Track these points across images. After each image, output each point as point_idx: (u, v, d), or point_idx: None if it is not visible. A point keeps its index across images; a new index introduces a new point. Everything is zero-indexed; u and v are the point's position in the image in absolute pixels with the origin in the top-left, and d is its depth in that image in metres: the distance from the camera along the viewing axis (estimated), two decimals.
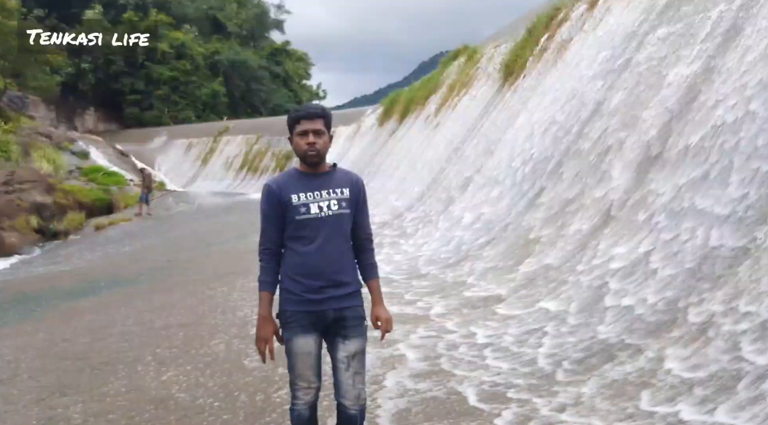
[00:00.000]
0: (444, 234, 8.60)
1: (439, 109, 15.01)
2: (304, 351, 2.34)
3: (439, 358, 4.09)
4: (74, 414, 3.65)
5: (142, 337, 5.32)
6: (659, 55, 6.62)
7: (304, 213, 2.32)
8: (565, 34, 10.02)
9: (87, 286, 8.39)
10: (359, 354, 2.38)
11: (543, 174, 7.35)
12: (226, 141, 35.76)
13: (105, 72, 45.43)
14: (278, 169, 29.94)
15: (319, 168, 2.39)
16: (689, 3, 6.75)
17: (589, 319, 4.17)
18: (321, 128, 2.35)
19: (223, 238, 12.43)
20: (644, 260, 4.33)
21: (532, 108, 9.29)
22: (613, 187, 5.68)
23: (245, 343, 4.71)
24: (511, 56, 11.53)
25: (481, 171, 9.40)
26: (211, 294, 7.00)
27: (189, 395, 3.78)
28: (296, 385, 2.38)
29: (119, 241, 13.78)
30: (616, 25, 8.39)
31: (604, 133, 6.60)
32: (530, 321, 4.59)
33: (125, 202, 20.69)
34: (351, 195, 2.39)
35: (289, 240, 2.38)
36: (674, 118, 5.47)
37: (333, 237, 2.34)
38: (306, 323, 2.33)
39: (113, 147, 32.65)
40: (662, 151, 5.29)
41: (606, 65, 7.72)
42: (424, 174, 12.46)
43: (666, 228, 4.42)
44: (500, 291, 5.53)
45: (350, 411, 2.37)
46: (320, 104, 2.48)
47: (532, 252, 6.02)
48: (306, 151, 2.33)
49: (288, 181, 2.40)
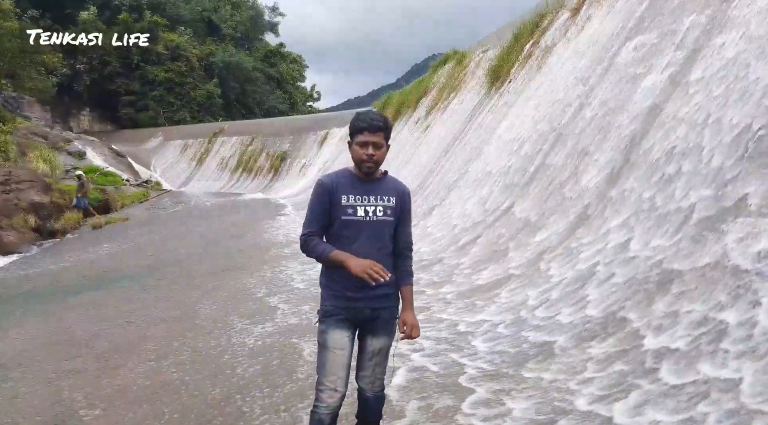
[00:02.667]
0: (423, 238, 8.93)
1: (429, 112, 15.36)
2: (338, 345, 2.40)
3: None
4: (80, 395, 3.98)
5: (143, 328, 5.63)
6: (635, 63, 7.00)
7: (351, 214, 2.41)
8: (549, 41, 10.40)
9: (87, 282, 8.67)
10: (384, 349, 2.53)
11: (517, 186, 7.69)
12: (221, 142, 36.01)
13: (100, 73, 45.58)
14: (273, 169, 30.24)
15: (372, 174, 2.47)
16: (663, 14, 7.14)
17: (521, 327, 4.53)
18: (381, 141, 2.43)
19: (219, 237, 12.72)
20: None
21: (516, 112, 9.66)
22: (587, 188, 6.05)
23: (243, 335, 5.03)
24: (497, 61, 11.90)
25: (465, 176, 9.75)
26: (208, 288, 7.31)
27: (187, 380, 4.09)
28: (323, 385, 2.41)
29: (115, 240, 14.02)
30: (596, 33, 8.78)
31: (581, 137, 6.97)
32: (481, 315, 4.94)
33: (122, 201, 20.94)
34: (397, 204, 2.49)
35: (332, 238, 2.46)
36: (645, 125, 5.84)
37: (374, 240, 2.43)
38: (343, 318, 2.43)
39: (109, 147, 32.82)
40: (633, 156, 5.66)
41: (586, 72, 8.10)
42: (413, 176, 12.81)
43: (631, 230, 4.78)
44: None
45: (366, 393, 2.52)
46: (382, 115, 2.53)
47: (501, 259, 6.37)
48: (364, 161, 2.41)
49: (341, 180, 2.47)
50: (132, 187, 25.53)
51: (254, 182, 30.25)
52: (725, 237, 3.54)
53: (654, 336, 3.32)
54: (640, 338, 3.38)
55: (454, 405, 3.21)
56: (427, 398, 3.37)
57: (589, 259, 4.87)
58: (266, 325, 5.32)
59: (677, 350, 3.04)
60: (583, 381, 3.23)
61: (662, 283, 3.74)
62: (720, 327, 2.94)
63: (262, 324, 5.35)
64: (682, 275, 3.64)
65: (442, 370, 3.79)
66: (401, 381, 3.67)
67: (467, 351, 4.11)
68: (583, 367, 3.39)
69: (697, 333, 3.06)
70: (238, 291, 6.97)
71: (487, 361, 3.85)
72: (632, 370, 3.09)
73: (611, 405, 2.87)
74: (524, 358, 3.75)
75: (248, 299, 6.50)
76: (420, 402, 3.32)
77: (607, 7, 9.05)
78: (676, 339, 3.14)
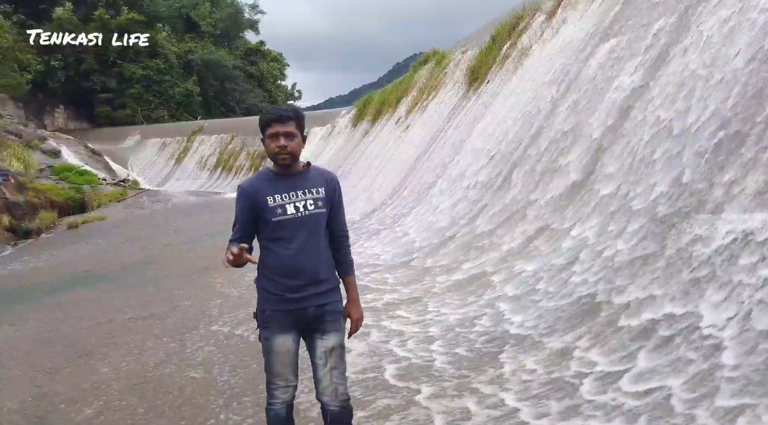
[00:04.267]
0: (398, 238, 9.07)
1: (409, 111, 15.52)
2: (283, 349, 2.34)
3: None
4: (62, 391, 4.04)
5: (122, 327, 5.68)
6: (606, 65, 7.24)
7: (281, 214, 2.32)
8: (526, 42, 10.63)
9: (65, 282, 8.63)
10: (337, 348, 2.38)
11: (494, 185, 7.89)
12: (200, 140, 35.70)
13: (75, 70, 44.76)
14: (253, 168, 30.10)
15: (292, 169, 2.39)
16: (634, 17, 7.39)
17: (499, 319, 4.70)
18: (293, 130, 2.35)
19: (198, 236, 12.70)
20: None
21: (494, 112, 9.87)
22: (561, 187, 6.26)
23: (220, 330, 5.11)
24: (476, 62, 12.10)
25: (443, 175, 9.93)
26: (187, 287, 7.36)
27: (166, 376, 4.18)
28: (273, 384, 2.37)
29: (93, 240, 13.88)
30: (570, 35, 9.02)
31: (555, 138, 7.19)
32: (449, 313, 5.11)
33: (98, 200, 20.68)
34: (326, 194, 2.40)
35: (267, 241, 2.37)
36: (615, 126, 6.07)
37: (311, 236, 2.34)
38: (285, 322, 2.34)
39: (85, 145, 32.32)
40: (602, 158, 5.87)
41: (559, 74, 8.33)
42: (393, 176, 12.95)
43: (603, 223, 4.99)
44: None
45: (330, 407, 2.33)
46: (293, 105, 2.60)
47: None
48: (277, 153, 2.34)
49: (262, 182, 2.39)
50: (109, 186, 25.19)
51: (234, 181, 30.09)
52: (684, 235, 3.75)
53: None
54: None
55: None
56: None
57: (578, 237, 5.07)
58: (241, 321, 5.41)
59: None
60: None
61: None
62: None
63: (238, 320, 5.44)
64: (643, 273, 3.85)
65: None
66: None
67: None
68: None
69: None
70: (216, 288, 7.03)
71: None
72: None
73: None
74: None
75: (226, 296, 6.58)
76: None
77: (581, 10, 9.31)
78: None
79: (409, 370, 3.75)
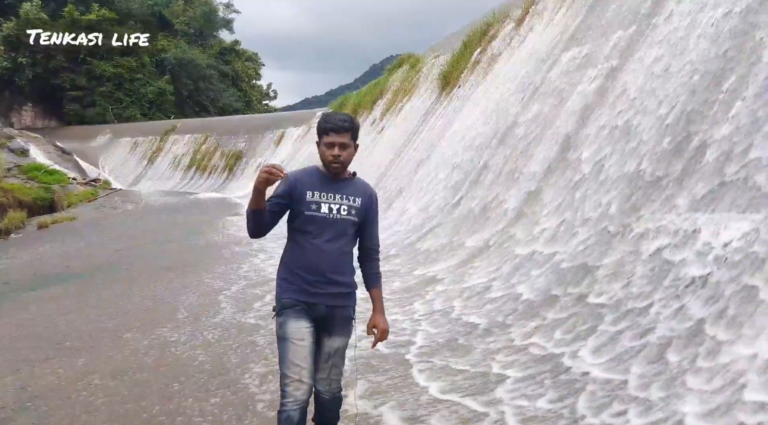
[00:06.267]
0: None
1: (384, 114, 15.79)
2: (298, 336, 2.38)
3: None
4: (42, 382, 4.19)
5: (99, 322, 5.79)
6: (568, 73, 7.61)
7: (314, 210, 2.41)
8: (496, 49, 11.00)
9: (38, 281, 8.61)
10: (341, 349, 2.50)
11: (466, 181, 8.20)
12: (173, 140, 35.32)
13: (44, 66, 43.73)
14: (228, 168, 29.99)
15: (340, 175, 2.49)
16: (594, 28, 7.78)
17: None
18: (347, 141, 2.44)
19: (171, 236, 12.72)
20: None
21: (464, 116, 10.20)
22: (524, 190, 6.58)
23: (196, 327, 5.27)
24: (448, 67, 12.43)
25: (414, 179, 10.21)
26: (162, 285, 7.47)
27: (142, 368, 4.35)
28: (287, 378, 2.36)
29: (64, 240, 13.74)
30: (537, 43, 9.40)
31: (520, 142, 7.52)
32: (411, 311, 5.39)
33: (68, 200, 20.38)
34: (362, 205, 2.49)
35: (294, 232, 2.48)
36: (577, 130, 6.42)
37: (336, 238, 2.43)
38: (301, 309, 2.42)
39: (54, 144, 31.65)
40: (564, 161, 6.21)
41: (525, 80, 8.69)
42: (368, 178, 13.18)
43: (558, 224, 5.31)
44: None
45: (323, 395, 2.49)
46: (349, 115, 2.57)
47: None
48: (331, 162, 2.43)
49: (308, 177, 2.48)
50: (79, 186, 24.79)
51: (208, 181, 29.91)
52: (634, 232, 4.08)
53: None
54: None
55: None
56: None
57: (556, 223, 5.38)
58: (217, 318, 5.58)
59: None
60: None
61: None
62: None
63: (214, 318, 5.62)
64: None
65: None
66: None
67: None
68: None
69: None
70: (191, 287, 7.17)
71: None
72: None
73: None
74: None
75: (201, 294, 6.73)
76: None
77: (547, 19, 9.70)
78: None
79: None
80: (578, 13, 8.49)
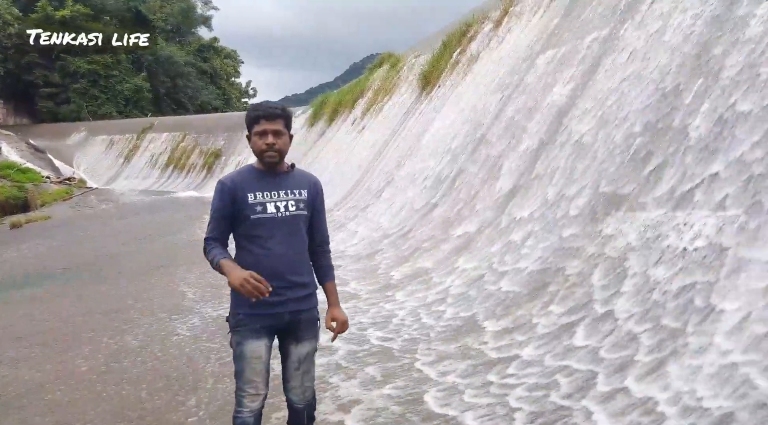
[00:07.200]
0: (347, 238, 9.40)
1: (365, 113, 15.86)
2: (255, 356, 2.26)
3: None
4: (24, 379, 4.22)
5: (79, 322, 5.78)
6: (545, 75, 7.78)
7: (260, 212, 2.24)
8: (475, 50, 11.15)
9: (14, 281, 8.51)
10: (310, 355, 2.39)
11: (444, 182, 8.33)
12: (150, 138, 34.86)
13: (16, 63, 42.69)
14: (206, 167, 29.73)
15: (277, 168, 2.32)
16: (569, 30, 7.97)
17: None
18: (281, 129, 2.27)
19: (149, 236, 12.62)
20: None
21: (444, 115, 10.33)
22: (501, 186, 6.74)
23: (171, 327, 5.31)
24: (428, 67, 12.56)
25: (394, 179, 10.31)
26: (138, 285, 7.45)
27: (121, 366, 4.39)
28: (243, 392, 2.28)
29: (39, 239, 13.52)
30: (514, 45, 9.58)
31: (498, 141, 7.68)
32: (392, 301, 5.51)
33: (43, 199, 20.03)
34: (309, 196, 2.35)
35: (243, 239, 2.29)
36: (551, 130, 6.59)
37: (289, 237, 2.28)
38: (258, 327, 2.26)
39: (27, 142, 31.04)
40: (537, 164, 6.37)
41: (504, 80, 8.86)
42: (349, 176, 13.24)
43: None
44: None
45: (297, 406, 2.40)
46: (281, 104, 2.37)
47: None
48: (264, 151, 2.25)
49: (244, 178, 2.30)
50: (53, 185, 24.38)
51: (186, 180, 29.61)
52: (607, 228, 4.25)
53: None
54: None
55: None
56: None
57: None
58: (192, 319, 5.61)
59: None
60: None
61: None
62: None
63: (189, 318, 5.65)
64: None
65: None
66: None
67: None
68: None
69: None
70: (166, 287, 7.16)
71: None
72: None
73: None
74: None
75: (176, 295, 6.74)
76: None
77: (525, 21, 9.88)
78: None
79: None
80: (555, 14, 8.68)
